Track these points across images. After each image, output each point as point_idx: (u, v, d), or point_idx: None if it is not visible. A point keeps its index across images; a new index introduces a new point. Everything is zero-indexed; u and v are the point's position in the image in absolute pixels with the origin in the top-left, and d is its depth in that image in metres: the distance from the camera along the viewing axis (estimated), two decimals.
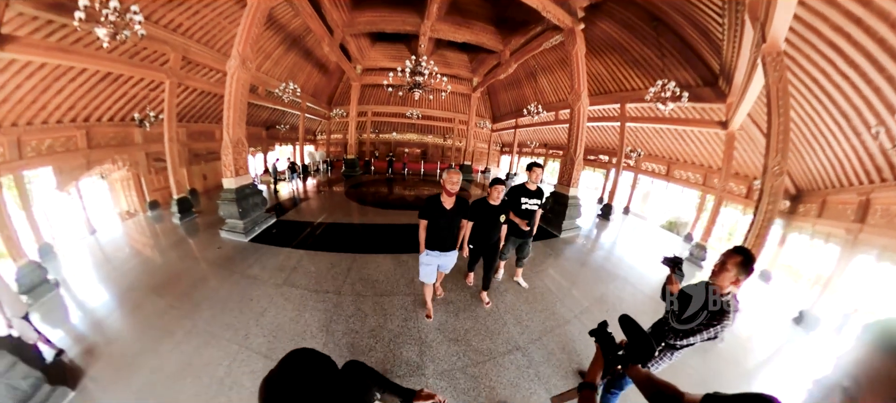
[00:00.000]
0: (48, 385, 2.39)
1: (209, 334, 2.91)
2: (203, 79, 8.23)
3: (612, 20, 7.32)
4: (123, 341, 2.87)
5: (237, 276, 3.97)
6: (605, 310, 3.74)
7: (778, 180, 3.46)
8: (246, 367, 2.55)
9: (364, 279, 3.99)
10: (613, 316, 1.23)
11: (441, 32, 8.64)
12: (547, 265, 4.82)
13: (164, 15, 5.93)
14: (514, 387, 2.50)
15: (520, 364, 2.74)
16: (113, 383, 2.45)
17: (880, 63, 3.90)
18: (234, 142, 5.13)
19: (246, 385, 2.39)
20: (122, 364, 2.61)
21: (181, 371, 2.49)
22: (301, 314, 3.24)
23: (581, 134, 6.35)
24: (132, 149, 8.99)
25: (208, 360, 2.60)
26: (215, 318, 3.13)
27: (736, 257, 1.59)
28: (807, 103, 5.48)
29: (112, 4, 3.66)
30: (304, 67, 11.59)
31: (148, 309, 3.26)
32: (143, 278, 4.03)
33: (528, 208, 3.39)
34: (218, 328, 2.99)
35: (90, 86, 7.00)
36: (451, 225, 2.74)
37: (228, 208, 5.19)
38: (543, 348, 2.95)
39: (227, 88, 4.94)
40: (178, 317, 3.14)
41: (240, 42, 4.82)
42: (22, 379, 2.31)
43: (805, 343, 4.28)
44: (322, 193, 9.70)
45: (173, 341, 2.78)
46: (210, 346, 2.76)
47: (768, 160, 3.52)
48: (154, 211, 8.13)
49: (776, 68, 3.45)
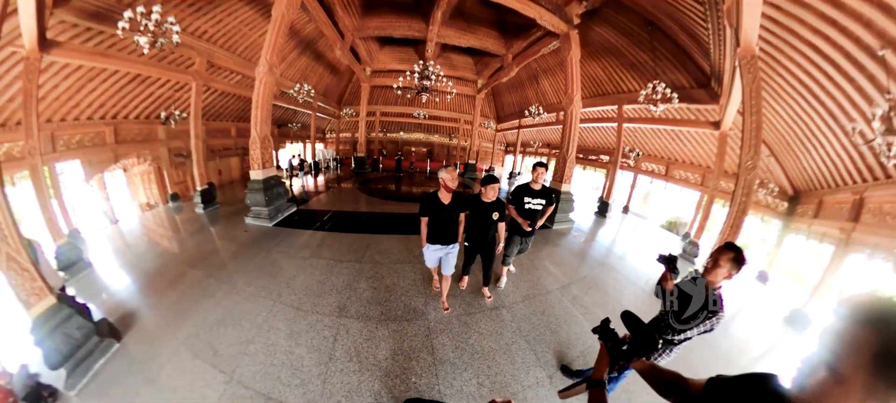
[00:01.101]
0: (97, 337, 2.85)
1: (246, 294, 3.43)
2: (225, 81, 8.78)
3: (609, 25, 7.66)
4: (167, 303, 3.36)
5: (266, 252, 4.53)
6: (586, 288, 4.11)
7: (751, 174, 3.81)
8: (281, 316, 3.09)
9: (381, 251, 4.63)
10: (593, 295, 1.54)
11: (447, 37, 9.08)
12: (543, 255, 5.21)
13: (191, 23, 6.46)
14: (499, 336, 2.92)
15: (505, 319, 3.19)
16: (159, 335, 2.93)
17: (860, 62, 4.07)
18: (262, 138, 5.69)
19: (281, 328, 2.94)
20: (168, 320, 3.10)
21: (223, 321, 3.00)
22: (328, 277, 3.81)
23: (574, 134, 6.72)
24: (155, 145, 9.59)
25: (247, 312, 3.12)
26: (250, 283, 3.66)
27: (728, 253, 1.65)
28: (796, 104, 5.64)
29: (154, 17, 4.14)
30: (315, 69, 12.12)
31: (187, 280, 3.76)
32: (179, 256, 4.55)
33: (532, 208, 3.32)
34: (254, 289, 3.52)
35: (120, 86, 7.57)
36: (451, 219, 2.85)
37: (255, 197, 5.80)
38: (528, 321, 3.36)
39: (255, 91, 5.51)
40: (216, 283, 3.67)
41: (267, 51, 5.38)
42: (76, 329, 2.77)
43: (795, 343, 4.44)
44: (335, 188, 10.21)
45: (214, 300, 3.29)
46: (248, 302, 3.27)
47: (742, 156, 3.86)
48: (175, 203, 8.68)
49: (750, 70, 3.79)
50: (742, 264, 1.64)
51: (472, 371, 2.60)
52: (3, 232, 2.44)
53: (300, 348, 2.75)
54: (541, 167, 3.29)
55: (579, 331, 3.20)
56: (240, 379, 2.43)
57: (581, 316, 3.47)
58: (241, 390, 2.35)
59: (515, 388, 2.47)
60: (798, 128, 6.16)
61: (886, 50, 3.61)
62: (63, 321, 2.72)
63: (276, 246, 4.75)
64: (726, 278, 1.66)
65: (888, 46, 3.63)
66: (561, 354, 2.89)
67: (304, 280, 3.74)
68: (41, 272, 2.72)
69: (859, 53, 4.00)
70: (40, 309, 2.64)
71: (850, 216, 5.60)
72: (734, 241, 2.31)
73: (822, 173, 6.43)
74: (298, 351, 2.71)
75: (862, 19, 3.69)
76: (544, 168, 3.31)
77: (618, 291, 4.13)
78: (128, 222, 7.14)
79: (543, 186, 3.36)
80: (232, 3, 6.65)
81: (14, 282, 2.54)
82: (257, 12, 7.24)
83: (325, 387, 2.39)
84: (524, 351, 2.84)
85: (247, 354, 2.66)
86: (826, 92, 4.95)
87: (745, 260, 1.64)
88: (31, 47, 4.74)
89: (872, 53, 3.84)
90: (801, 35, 4.38)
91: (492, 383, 2.50)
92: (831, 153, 5.81)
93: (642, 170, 11.85)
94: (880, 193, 5.11)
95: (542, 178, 3.33)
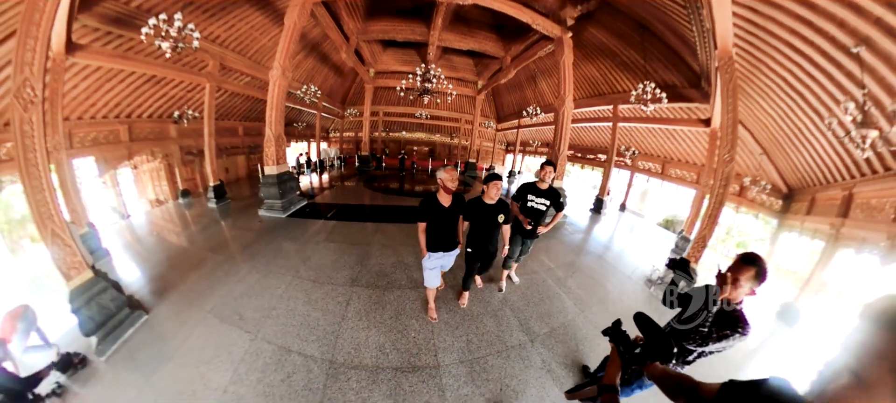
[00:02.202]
0: (128, 308, 3.19)
1: (267, 271, 3.84)
2: (235, 82, 9.17)
3: (603, 28, 7.94)
4: (191, 282, 3.70)
5: (282, 238, 4.96)
6: (571, 272, 4.41)
7: (727, 167, 4.07)
8: (300, 288, 3.51)
9: (387, 236, 5.13)
10: (577, 278, 1.79)
11: (447, 41, 9.41)
12: (539, 247, 5.48)
13: (206, 28, 6.83)
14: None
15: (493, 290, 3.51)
16: (186, 308, 3.26)
17: (837, 60, 4.20)
18: (276, 136, 6.13)
19: (300, 297, 3.36)
20: (193, 295, 3.44)
21: (246, 294, 3.37)
22: (340, 257, 4.27)
23: (565, 133, 7.05)
24: (167, 143, 9.97)
25: (268, 286, 3.52)
26: (270, 263, 4.07)
27: (748, 269, 1.45)
28: (783, 102, 5.77)
29: (176, 24, 4.49)
30: (321, 70, 12.50)
31: (209, 263, 4.12)
32: (198, 243, 4.92)
33: (535, 207, 3.15)
34: (273, 268, 3.94)
35: (136, 86, 7.96)
36: (452, 223, 2.68)
37: (269, 190, 6.26)
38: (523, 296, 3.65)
39: (269, 93, 5.93)
40: (237, 264, 4.06)
41: (280, 56, 5.78)
42: (110, 301, 3.11)
43: (787, 336, 4.63)
44: (340, 185, 10.58)
45: (237, 278, 3.67)
46: (269, 278, 3.67)
47: (720, 151, 4.13)
48: (185, 199, 9.05)
49: (727, 70, 4.05)
50: (764, 277, 1.44)
51: (462, 329, 2.98)
52: (49, 211, 2.78)
53: (317, 312, 3.14)
54: (548, 166, 3.13)
55: (561, 306, 3.55)
56: (263, 337, 2.80)
57: (564, 294, 3.81)
58: (265, 345, 2.71)
59: (499, 347, 2.81)
60: (786, 126, 6.30)
61: (861, 47, 3.77)
62: (98, 293, 3.06)
63: (291, 233, 5.19)
64: (749, 294, 1.48)
65: (862, 43, 3.78)
66: (541, 321, 3.21)
67: (320, 259, 4.18)
68: (80, 248, 3.06)
69: (836, 52, 4.15)
70: (79, 281, 2.98)
71: (840, 212, 5.70)
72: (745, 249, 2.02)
73: (812, 170, 6.53)
74: (315, 314, 3.10)
75: (835, 19, 3.84)
76: (552, 167, 3.15)
77: (603, 276, 4.45)
78: (140, 217, 7.50)
79: (550, 186, 3.20)
80: (244, 10, 7.02)
81: (57, 256, 2.87)
82: (267, 18, 7.61)
83: (338, 341, 2.77)
84: (509, 318, 3.19)
85: (270, 318, 3.04)
86: (809, 89, 5.06)
87: (767, 272, 1.44)
88: (58, 50, 5.11)
89: (848, 51, 3.96)
90: (779, 35, 4.53)
91: (480, 341, 2.82)
92: (820, 150, 5.93)
93: (639, 168, 12.07)
94: (868, 188, 5.19)
95: (549, 177, 3.16)
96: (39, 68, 2.61)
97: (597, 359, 2.73)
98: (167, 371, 2.55)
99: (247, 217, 6.35)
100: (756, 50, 5.19)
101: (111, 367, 2.70)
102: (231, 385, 2.35)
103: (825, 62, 4.41)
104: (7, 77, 5.19)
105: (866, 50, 3.83)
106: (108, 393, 2.42)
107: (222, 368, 2.50)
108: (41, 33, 2.62)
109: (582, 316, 3.46)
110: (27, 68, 2.57)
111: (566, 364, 2.74)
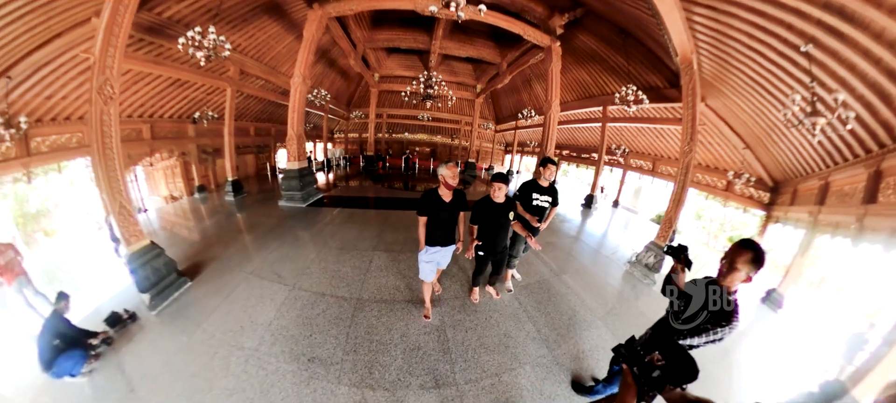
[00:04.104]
0: (176, 273, 3.82)
1: (297, 244, 4.58)
2: (252, 86, 9.90)
3: (591, 35, 8.57)
4: (228, 255, 4.36)
5: (306, 222, 5.75)
6: (553, 255, 4.98)
7: (687, 157, 4.67)
8: (329, 254, 4.34)
9: (399, 217, 6.05)
10: (551, 252, 2.29)
11: (448, 49, 10.10)
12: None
13: (229, 37, 7.49)
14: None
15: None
16: (226, 273, 3.90)
17: (792, 58, 4.46)
18: (298, 135, 6.92)
19: (330, 259, 4.22)
20: (232, 264, 4.09)
21: (281, 259, 4.09)
22: (361, 233, 5.08)
23: (552, 134, 7.77)
24: (185, 142, 10.65)
25: (301, 254, 4.27)
26: (299, 237, 4.86)
27: (746, 254, 1.45)
28: (755, 98, 5.99)
29: (210, 37, 5.13)
30: (328, 74, 13.23)
31: (241, 241, 4.83)
32: (227, 226, 5.63)
33: (540, 204, 3.21)
34: (303, 240, 4.72)
35: (162, 89, 8.66)
36: (451, 217, 2.73)
37: (290, 182, 7.03)
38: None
39: (291, 98, 6.75)
40: (268, 239, 4.77)
41: (300, 65, 6.65)
42: (162, 265, 3.74)
43: (772, 320, 5.03)
44: (346, 183, 11.26)
45: (270, 249, 4.38)
46: (300, 249, 4.42)
47: (682, 143, 4.72)
48: (201, 194, 9.71)
49: (687, 74, 4.65)
50: (761, 262, 1.44)
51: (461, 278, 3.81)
52: (119, 188, 3.43)
53: (345, 268, 3.93)
54: (551, 164, 3.16)
55: (538, 270, 4.27)
56: (300, 287, 3.51)
57: (540, 262, 4.49)
58: (302, 292, 3.41)
59: (485, 297, 3.42)
60: (762, 122, 6.57)
61: (809, 46, 4.12)
62: (152, 258, 3.70)
63: (313, 219, 5.95)
64: (745, 281, 1.49)
65: (810, 42, 4.08)
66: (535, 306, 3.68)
67: (344, 234, 5.04)
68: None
69: (790, 50, 4.44)
70: (137, 246, 3.62)
71: (818, 200, 5.95)
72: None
73: (791, 162, 6.81)
74: (344, 270, 3.87)
75: (783, 23, 4.18)
76: (554, 165, 3.18)
77: (579, 253, 5.07)
78: (159, 210, 8.13)
79: (551, 183, 3.26)
80: (263, 21, 7.72)
81: (122, 225, 3.51)
82: (282, 27, 8.32)
83: (364, 286, 3.55)
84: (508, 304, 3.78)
85: (305, 274, 3.77)
86: (774, 85, 5.30)
87: (764, 257, 1.44)
88: (101, 54, 5.80)
89: (798, 49, 4.23)
90: (739, 39, 4.78)
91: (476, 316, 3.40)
92: (795, 143, 6.18)
93: (632, 166, 12.62)
94: (841, 176, 5.42)
95: (551, 175, 3.21)
96: (117, 71, 3.27)
97: (591, 352, 2.94)
98: (216, 317, 3.17)
99: (266, 208, 7.05)
100: (722, 53, 5.56)
101: (162, 319, 3.29)
102: (275, 320, 3.00)
103: (782, 60, 4.70)
104: (34, 81, 5.85)
105: (814, 47, 4.10)
106: (162, 337, 3.00)
107: (266, 310, 3.15)
108: (120, 42, 3.29)
109: (557, 279, 4.07)
110: (108, 70, 3.24)
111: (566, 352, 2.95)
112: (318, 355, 2.67)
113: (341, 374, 2.50)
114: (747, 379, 3.13)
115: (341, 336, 2.88)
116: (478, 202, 2.83)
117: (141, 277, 3.53)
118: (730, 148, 8.53)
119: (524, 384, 2.53)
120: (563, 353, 2.88)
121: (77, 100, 7.15)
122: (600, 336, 3.18)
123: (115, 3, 3.24)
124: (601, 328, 3.32)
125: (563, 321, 3.33)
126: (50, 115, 6.90)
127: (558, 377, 2.62)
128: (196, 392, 2.36)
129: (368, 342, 2.83)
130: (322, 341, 2.81)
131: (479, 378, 2.54)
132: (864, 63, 3.72)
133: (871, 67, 3.68)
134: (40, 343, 2.61)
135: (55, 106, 6.88)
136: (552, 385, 2.55)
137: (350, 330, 2.95)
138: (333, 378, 2.46)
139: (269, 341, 2.79)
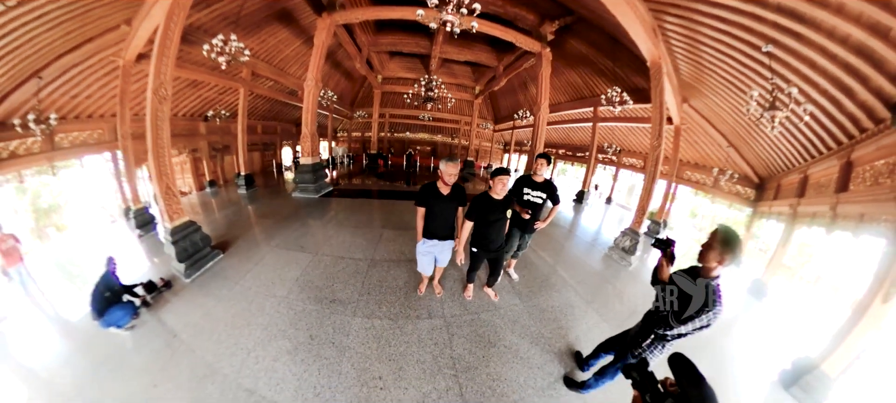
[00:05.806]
0: (210, 248, 4.40)
1: (316, 226, 5.26)
2: (262, 87, 10.52)
3: (581, 39, 9.17)
4: (252, 235, 4.96)
5: (321, 210, 6.41)
6: (545, 242, 5.54)
7: (656, 151, 5.24)
8: (345, 231, 5.07)
9: (403, 207, 6.71)
10: (538, 238, 2.69)
11: (447, 53, 10.73)
12: None
13: (244, 42, 8.13)
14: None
15: None
16: (253, 249, 4.48)
17: (756, 57, 4.65)
18: (311, 133, 7.61)
19: (346, 234, 4.95)
20: (258, 241, 4.69)
21: (303, 236, 4.76)
22: (371, 217, 5.87)
23: (542, 134, 8.46)
24: (195, 139, 11.24)
25: (319, 232, 4.99)
26: (316, 221, 5.54)
27: (716, 233, 1.62)
28: (732, 97, 6.29)
29: (233, 45, 5.69)
30: (333, 75, 13.86)
31: (262, 224, 5.44)
32: (246, 214, 6.22)
33: (531, 199, 3.23)
34: (320, 223, 5.44)
35: (178, 89, 9.26)
36: (448, 210, 2.73)
37: (304, 176, 7.72)
38: None
39: (304, 100, 7.47)
40: (288, 223, 5.40)
41: (312, 69, 7.32)
42: (199, 239, 4.32)
43: (757, 309, 5.21)
44: (351, 181, 11.83)
45: (291, 228, 5.03)
46: (319, 230, 5.13)
47: (651, 138, 5.30)
48: (212, 188, 10.28)
49: (656, 77, 5.21)
50: (731, 245, 1.58)
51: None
52: (166, 171, 4.02)
53: (360, 239, 4.67)
54: (542, 159, 3.17)
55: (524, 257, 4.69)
56: (322, 253, 4.21)
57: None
58: (324, 257, 4.10)
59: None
60: (740, 120, 6.88)
61: (769, 46, 4.36)
62: (191, 232, 4.28)
63: (326, 208, 6.62)
64: (718, 263, 1.62)
65: (770, 43, 4.37)
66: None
67: (357, 218, 5.79)
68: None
69: (754, 51, 4.63)
70: (178, 222, 4.20)
71: (798, 192, 6.18)
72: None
73: (772, 158, 7.10)
74: (359, 241, 4.61)
75: (743, 26, 4.48)
76: (546, 160, 3.19)
77: (564, 236, 5.68)
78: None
79: (545, 179, 3.27)
80: (274, 27, 8.35)
81: (166, 202, 4.09)
82: (291, 32, 8.95)
83: (376, 251, 4.32)
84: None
85: (325, 244, 4.48)
86: (745, 85, 5.41)
87: (734, 241, 1.58)
88: (129, 58, 6.38)
89: (759, 49, 4.47)
90: (707, 43, 5.16)
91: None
92: (773, 139, 6.38)
93: (624, 164, 13.19)
94: (818, 168, 5.64)
95: (544, 170, 3.21)
96: (169, 76, 3.86)
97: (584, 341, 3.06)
98: (250, 277, 3.76)
99: (279, 199, 7.74)
100: (696, 55, 5.84)
101: (197, 284, 3.81)
102: (301, 276, 3.64)
103: (748, 61, 4.92)
104: (63, 81, 6.40)
105: (775, 47, 4.39)
106: (200, 296, 3.53)
107: (294, 270, 3.79)
108: (171, 53, 3.88)
109: (536, 255, 4.64)
110: (162, 74, 3.83)
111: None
112: (338, 297, 3.34)
113: (356, 309, 3.18)
114: (731, 363, 3.29)
115: (358, 283, 3.62)
116: (476, 198, 2.79)
117: (180, 249, 4.09)
118: (715, 146, 8.96)
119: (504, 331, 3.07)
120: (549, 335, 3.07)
121: (101, 100, 7.74)
122: (585, 315, 3.46)
123: (167, 20, 3.83)
124: (590, 313, 3.56)
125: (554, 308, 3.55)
126: (74, 113, 7.47)
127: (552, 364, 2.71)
128: (235, 329, 2.93)
129: (379, 287, 3.55)
130: (342, 288, 3.53)
131: (462, 313, 3.17)
132: (822, 59, 4.00)
133: (829, 63, 3.97)
134: (94, 293, 3.10)
135: (79, 104, 7.45)
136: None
137: (365, 279, 3.70)
138: (349, 312, 3.14)
139: (297, 290, 3.44)
